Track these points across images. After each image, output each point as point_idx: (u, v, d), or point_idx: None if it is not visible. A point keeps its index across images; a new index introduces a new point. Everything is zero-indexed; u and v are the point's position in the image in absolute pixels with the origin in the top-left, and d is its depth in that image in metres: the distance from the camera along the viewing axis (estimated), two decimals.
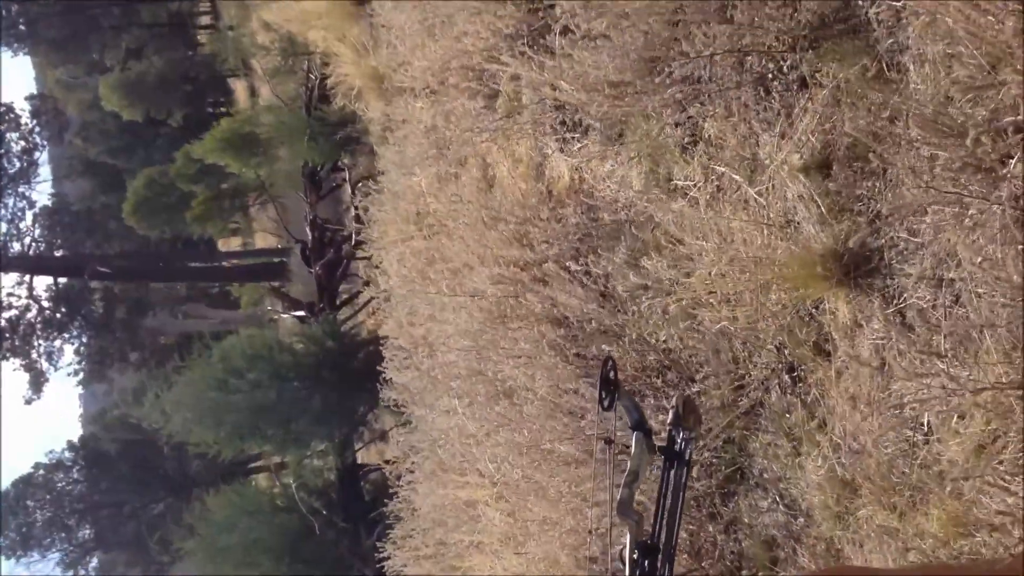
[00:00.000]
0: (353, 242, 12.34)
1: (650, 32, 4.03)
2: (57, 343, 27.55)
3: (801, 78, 3.37)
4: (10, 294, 26.65)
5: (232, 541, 11.65)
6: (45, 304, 26.79)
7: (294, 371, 10.85)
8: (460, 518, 6.34)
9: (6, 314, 26.54)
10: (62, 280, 27.07)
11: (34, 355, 27.52)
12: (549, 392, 4.55)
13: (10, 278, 26.80)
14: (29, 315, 26.82)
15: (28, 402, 28.18)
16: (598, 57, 4.40)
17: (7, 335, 26.39)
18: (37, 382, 27.97)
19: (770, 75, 3.53)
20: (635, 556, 2.10)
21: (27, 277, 26.72)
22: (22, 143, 27.41)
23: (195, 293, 33.21)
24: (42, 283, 27.34)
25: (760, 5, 3.36)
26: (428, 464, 6.99)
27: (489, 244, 5.99)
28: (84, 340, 27.99)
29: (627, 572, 2.12)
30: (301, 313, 12.90)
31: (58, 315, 26.85)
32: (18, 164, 27.01)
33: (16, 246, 26.51)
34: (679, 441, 2.25)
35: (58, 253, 27.05)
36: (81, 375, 30.46)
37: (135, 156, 35.16)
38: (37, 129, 28.72)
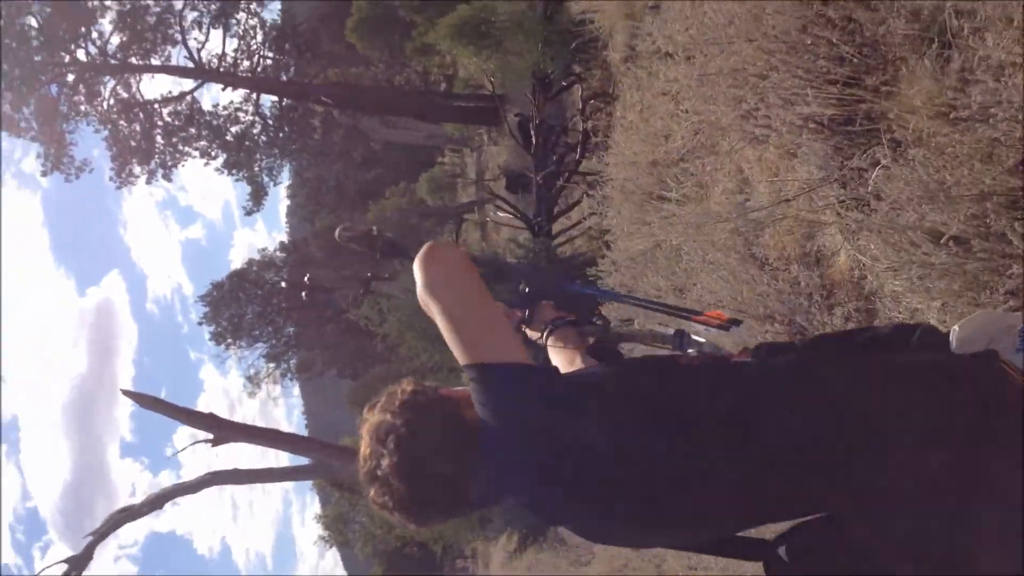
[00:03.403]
0: (578, 156, 11.92)
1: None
2: (278, 162, 28.69)
3: None
4: (238, 109, 27.71)
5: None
6: (270, 122, 27.74)
7: (506, 296, 10.78)
8: None
9: (233, 128, 27.68)
10: (287, 101, 27.86)
11: (256, 169, 28.79)
12: None
13: (238, 94, 27.82)
14: (254, 131, 27.89)
15: (248, 213, 29.81)
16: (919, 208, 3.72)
17: (233, 148, 27.63)
18: (257, 195, 29.42)
19: None
20: None
21: (254, 95, 27.63)
22: None
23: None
24: (267, 100, 28.24)
25: None
26: None
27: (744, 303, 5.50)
28: (302, 163, 29.01)
29: None
30: (512, 214, 12.69)
31: (280, 135, 27.82)
32: None
33: (246, 63, 27.26)
34: None
35: (284, 77, 27.67)
36: (296, 197, 31.78)
37: None
38: None
